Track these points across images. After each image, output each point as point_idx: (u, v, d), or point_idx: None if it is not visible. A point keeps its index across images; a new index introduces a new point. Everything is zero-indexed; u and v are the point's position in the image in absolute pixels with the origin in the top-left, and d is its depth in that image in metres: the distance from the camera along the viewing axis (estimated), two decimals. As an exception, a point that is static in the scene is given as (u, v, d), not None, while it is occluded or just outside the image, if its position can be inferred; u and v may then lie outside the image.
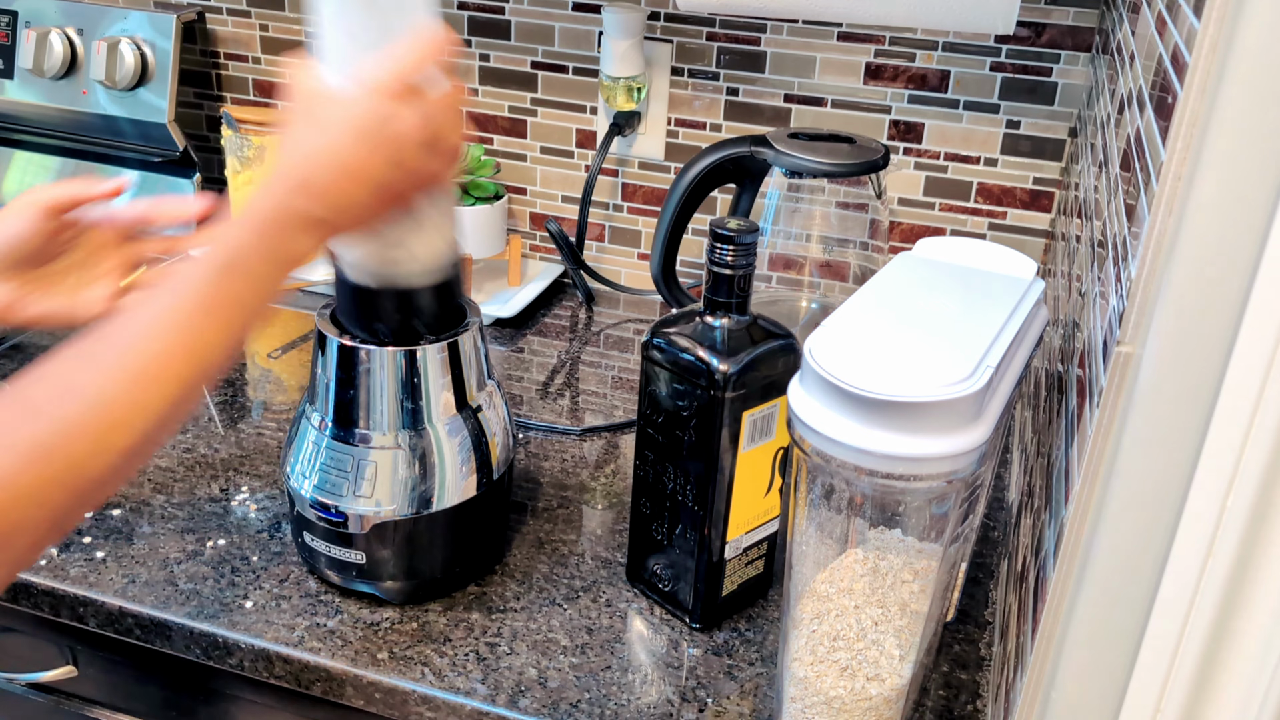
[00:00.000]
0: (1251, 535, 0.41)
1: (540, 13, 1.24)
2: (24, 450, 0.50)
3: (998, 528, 0.90)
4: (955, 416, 0.54)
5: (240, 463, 0.94)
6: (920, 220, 1.20)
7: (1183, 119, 0.41)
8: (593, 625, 0.78)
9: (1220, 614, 0.42)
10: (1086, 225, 0.76)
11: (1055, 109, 1.12)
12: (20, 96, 1.38)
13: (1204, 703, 0.44)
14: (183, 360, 0.55)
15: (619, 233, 1.32)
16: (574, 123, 1.28)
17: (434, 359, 0.73)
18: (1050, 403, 0.74)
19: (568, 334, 1.23)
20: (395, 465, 0.74)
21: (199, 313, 0.56)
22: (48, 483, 0.50)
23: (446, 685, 0.71)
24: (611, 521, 0.89)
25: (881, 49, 1.15)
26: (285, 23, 1.34)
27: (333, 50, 0.63)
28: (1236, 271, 0.39)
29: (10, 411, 0.51)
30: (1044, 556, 0.58)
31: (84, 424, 0.51)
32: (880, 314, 0.62)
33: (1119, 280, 0.52)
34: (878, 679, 0.63)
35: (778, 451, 0.74)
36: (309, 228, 0.60)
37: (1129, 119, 0.63)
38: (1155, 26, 0.59)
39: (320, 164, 0.60)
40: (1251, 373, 0.39)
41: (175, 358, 0.55)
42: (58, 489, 0.51)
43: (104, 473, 0.52)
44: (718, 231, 0.69)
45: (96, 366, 0.53)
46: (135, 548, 0.82)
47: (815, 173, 0.97)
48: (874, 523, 0.61)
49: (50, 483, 0.50)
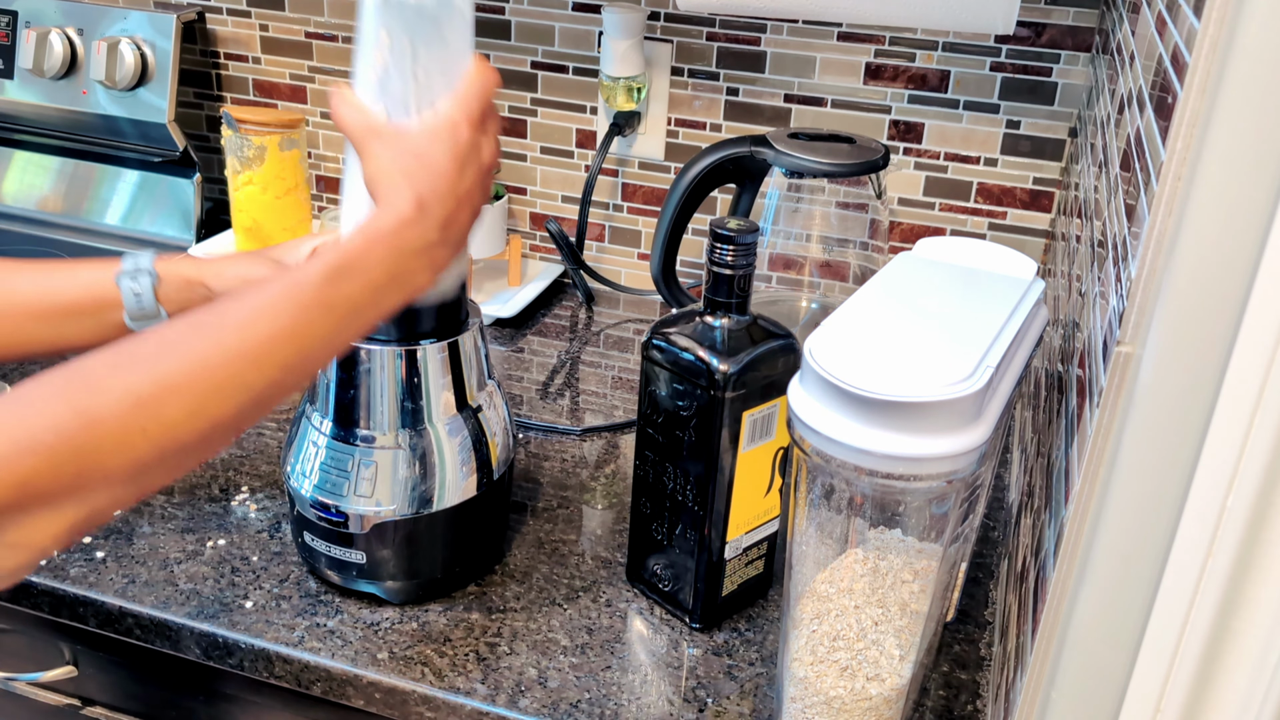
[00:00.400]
0: (1252, 535, 0.41)
1: (540, 13, 1.24)
2: (118, 395, 0.51)
3: (998, 528, 0.90)
4: (955, 416, 0.54)
5: (240, 463, 0.94)
6: (920, 220, 1.20)
7: (1183, 119, 0.41)
8: (593, 625, 0.78)
9: (1220, 614, 0.42)
10: (1086, 225, 0.76)
11: (1055, 109, 1.12)
12: (20, 96, 1.38)
13: (1204, 703, 0.44)
14: (289, 347, 0.56)
15: (619, 233, 1.32)
16: (574, 123, 1.28)
17: (434, 359, 0.74)
18: (1050, 403, 0.74)
19: (568, 334, 1.23)
20: (395, 465, 0.74)
21: (314, 306, 0.58)
22: (134, 431, 0.51)
23: (446, 685, 0.71)
24: (611, 521, 0.89)
25: (881, 49, 1.15)
26: (285, 23, 1.34)
27: (399, 91, 0.65)
28: (1237, 271, 0.39)
29: (113, 359, 0.52)
30: (1044, 556, 0.58)
31: (181, 384, 0.52)
32: (880, 314, 0.62)
33: (1119, 280, 0.52)
34: (878, 679, 0.63)
35: (778, 451, 0.74)
36: (426, 252, 0.63)
37: (1129, 119, 0.63)
38: (1155, 26, 0.59)
39: (435, 191, 0.62)
40: (1252, 372, 0.39)
41: (282, 342, 0.56)
42: (143, 440, 0.51)
43: (191, 437, 0.53)
44: (718, 231, 0.69)
45: (205, 335, 0.55)
46: (135, 548, 0.82)
47: (815, 173, 0.97)
48: (874, 523, 0.61)
49: (136, 432, 0.51)
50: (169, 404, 0.52)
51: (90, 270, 0.75)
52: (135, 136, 1.36)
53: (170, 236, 1.38)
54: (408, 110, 0.65)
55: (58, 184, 1.42)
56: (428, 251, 0.63)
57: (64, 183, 1.42)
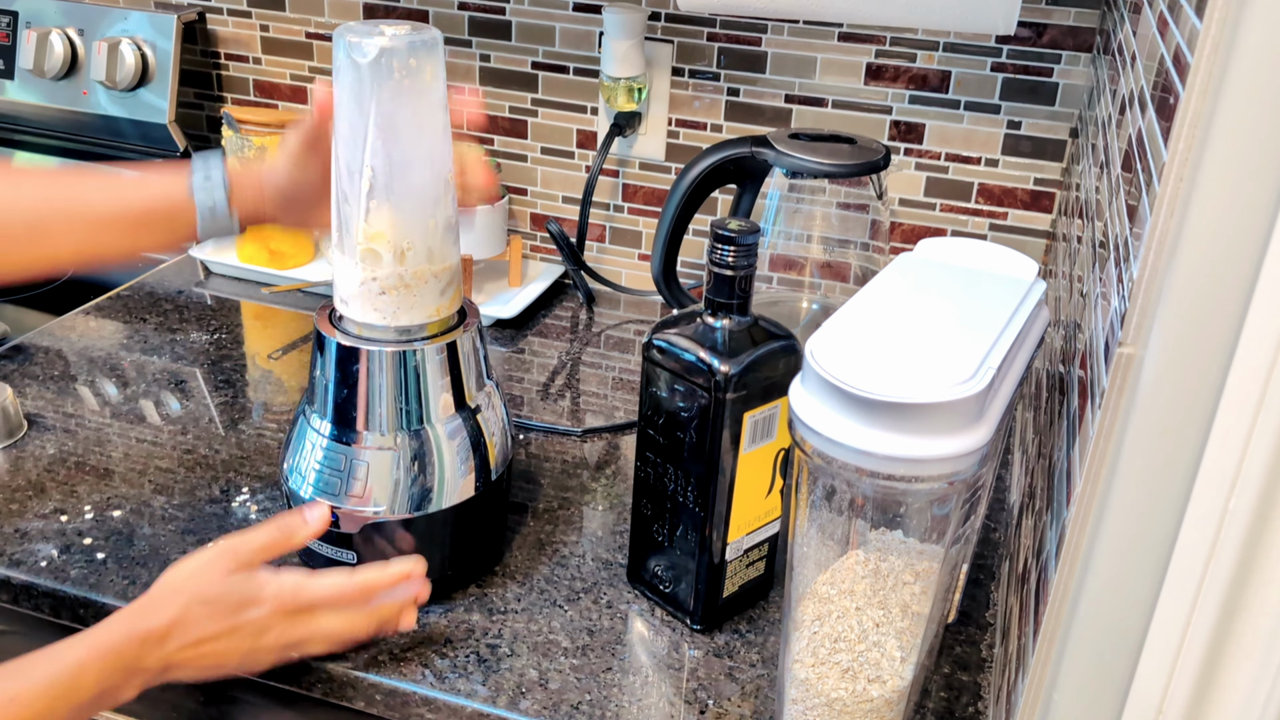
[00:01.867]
0: (1254, 537, 0.41)
1: (541, 13, 1.24)
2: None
3: (999, 529, 0.90)
4: (957, 418, 0.54)
5: (240, 464, 0.94)
6: (921, 221, 1.20)
7: (1185, 119, 0.41)
8: (593, 627, 0.78)
9: (1223, 616, 0.42)
10: (1088, 226, 0.76)
11: (1056, 109, 1.12)
12: (21, 97, 1.38)
13: (1206, 705, 0.44)
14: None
15: (619, 233, 1.31)
16: (575, 123, 1.28)
17: (432, 360, 0.73)
18: (1052, 404, 0.73)
19: (568, 335, 1.22)
20: (393, 466, 0.74)
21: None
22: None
23: (447, 687, 0.71)
24: (612, 523, 0.89)
25: (882, 49, 1.15)
26: (285, 23, 1.34)
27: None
28: (1239, 272, 0.39)
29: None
30: (1045, 558, 0.58)
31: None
32: (881, 315, 0.62)
33: (1121, 281, 0.52)
34: (879, 681, 0.62)
35: (779, 453, 0.74)
36: (141, 674, 0.65)
37: (1130, 119, 0.63)
38: (1157, 27, 0.59)
39: (195, 636, 0.65)
40: (1254, 373, 0.39)
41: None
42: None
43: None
44: (719, 232, 0.69)
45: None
46: (136, 549, 0.82)
47: (816, 173, 0.96)
48: (875, 524, 0.60)
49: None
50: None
51: (161, 178, 0.75)
52: (136, 137, 1.36)
53: (171, 237, 1.38)
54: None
55: (58, 185, 1.42)
56: (141, 674, 0.65)
57: (64, 183, 1.42)
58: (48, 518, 0.85)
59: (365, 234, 0.70)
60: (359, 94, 0.68)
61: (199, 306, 1.23)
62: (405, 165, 0.70)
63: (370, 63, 0.66)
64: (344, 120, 0.69)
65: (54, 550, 0.82)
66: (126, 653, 0.63)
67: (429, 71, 0.68)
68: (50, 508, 0.87)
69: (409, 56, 0.67)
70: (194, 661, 0.66)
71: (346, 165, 0.70)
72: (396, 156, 0.69)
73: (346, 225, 0.71)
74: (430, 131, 0.70)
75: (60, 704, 0.61)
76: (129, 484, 0.90)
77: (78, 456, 0.93)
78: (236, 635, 0.66)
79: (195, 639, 0.65)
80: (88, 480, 0.90)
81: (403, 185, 0.70)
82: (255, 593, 0.66)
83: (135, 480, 0.91)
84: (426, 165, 0.71)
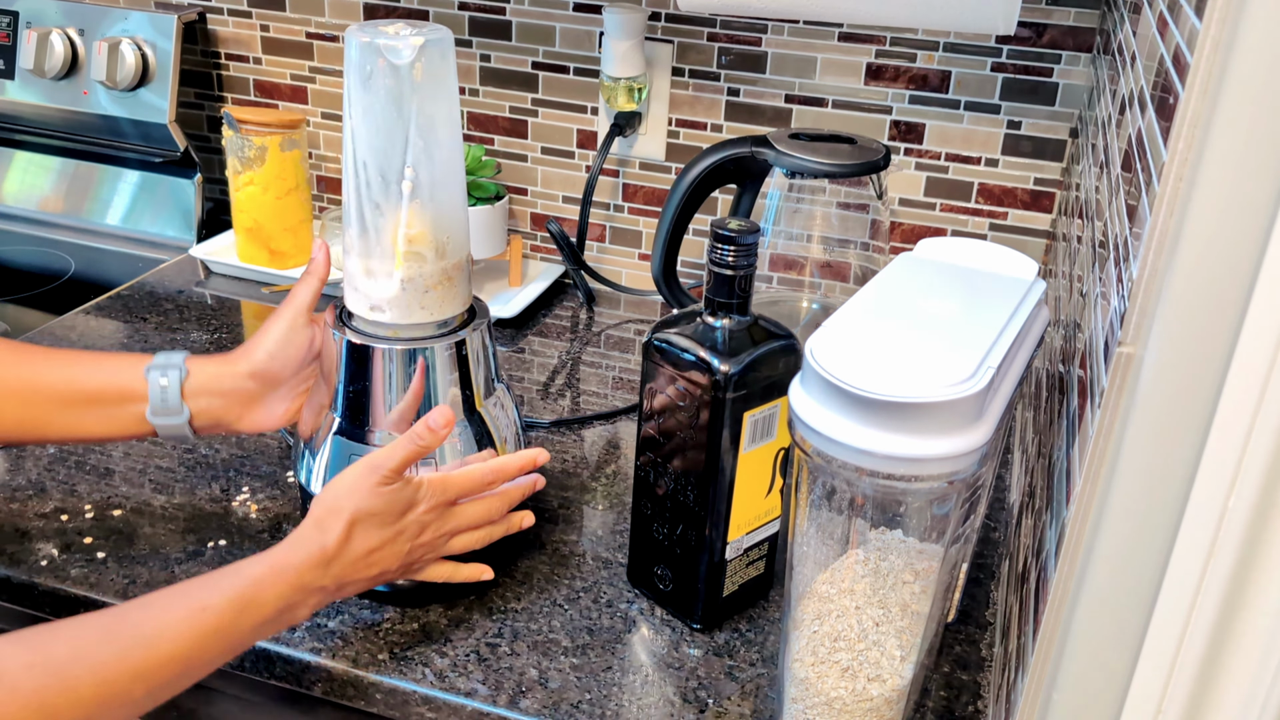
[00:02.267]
0: (1253, 536, 0.41)
1: (541, 13, 1.24)
2: (24, 698, 0.54)
3: (999, 528, 0.90)
4: (956, 417, 0.54)
5: (241, 463, 0.94)
6: (921, 221, 1.20)
7: (1184, 119, 0.41)
8: (593, 626, 0.78)
9: (1222, 615, 0.42)
10: (1088, 226, 0.76)
11: (1056, 109, 1.12)
12: (21, 97, 1.38)
13: (1206, 704, 0.44)
14: (179, 668, 0.60)
15: (620, 233, 1.32)
16: (575, 123, 1.28)
17: (442, 357, 0.74)
18: (1051, 403, 0.73)
19: (568, 334, 1.23)
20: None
21: (212, 634, 0.61)
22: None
23: (447, 686, 0.71)
24: (612, 522, 0.89)
25: (882, 49, 1.15)
26: (285, 23, 1.34)
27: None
28: (1238, 272, 0.39)
29: (28, 658, 0.56)
30: (1045, 557, 0.58)
31: (86, 695, 0.56)
32: (881, 315, 0.62)
33: (1120, 281, 0.52)
34: (879, 680, 0.63)
35: (779, 452, 0.74)
36: (317, 593, 0.67)
37: (1130, 119, 0.63)
38: (1156, 27, 0.59)
39: (359, 547, 0.67)
40: (1253, 373, 0.39)
41: (176, 664, 0.60)
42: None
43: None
44: (719, 232, 0.69)
45: (113, 647, 0.58)
46: (136, 548, 0.82)
47: (816, 173, 0.96)
48: (875, 523, 0.61)
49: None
50: (65, 714, 0.56)
51: (117, 361, 0.75)
52: (136, 137, 1.36)
53: (171, 237, 1.38)
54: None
55: (59, 184, 1.42)
56: (318, 593, 0.67)
57: (65, 183, 1.42)
58: (48, 517, 0.85)
59: (406, 238, 0.70)
60: (399, 96, 0.67)
61: (199, 306, 1.23)
62: (445, 163, 0.70)
63: (407, 64, 0.66)
64: (374, 128, 0.68)
65: (54, 549, 0.82)
66: (305, 570, 0.65)
67: (449, 67, 0.69)
68: (50, 507, 0.87)
69: (439, 54, 0.67)
70: (363, 573, 0.68)
71: (380, 173, 0.69)
72: (437, 156, 0.69)
73: (378, 234, 0.70)
74: (456, 125, 0.71)
75: (244, 618, 0.63)
76: (129, 484, 0.90)
77: (78, 456, 0.93)
78: (399, 540, 0.69)
79: (365, 550, 0.67)
80: (88, 480, 0.90)
81: (442, 183, 0.70)
82: (411, 496, 0.69)
83: (135, 480, 0.91)
84: (457, 159, 0.71)
